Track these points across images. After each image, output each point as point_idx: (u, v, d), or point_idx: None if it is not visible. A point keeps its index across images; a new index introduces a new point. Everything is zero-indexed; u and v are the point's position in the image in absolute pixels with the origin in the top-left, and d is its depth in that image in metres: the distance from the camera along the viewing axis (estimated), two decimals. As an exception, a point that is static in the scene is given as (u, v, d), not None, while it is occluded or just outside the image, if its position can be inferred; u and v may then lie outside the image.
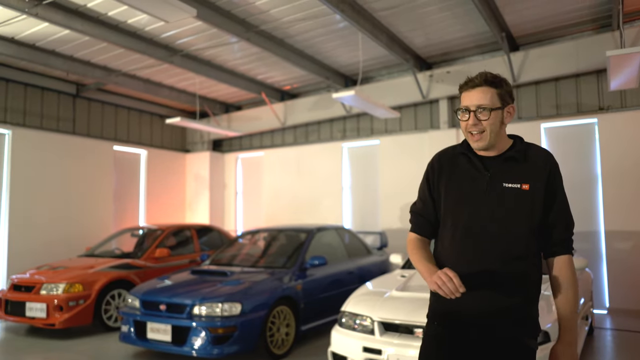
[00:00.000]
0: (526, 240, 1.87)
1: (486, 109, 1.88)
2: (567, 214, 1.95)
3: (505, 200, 1.89)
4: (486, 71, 1.97)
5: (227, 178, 11.84)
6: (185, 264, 7.59)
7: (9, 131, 8.41)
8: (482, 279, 1.84)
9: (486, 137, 1.90)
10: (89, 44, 7.67)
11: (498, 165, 1.95)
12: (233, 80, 9.30)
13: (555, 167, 1.96)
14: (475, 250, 1.88)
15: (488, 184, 1.92)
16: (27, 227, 8.41)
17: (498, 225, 1.87)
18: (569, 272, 1.89)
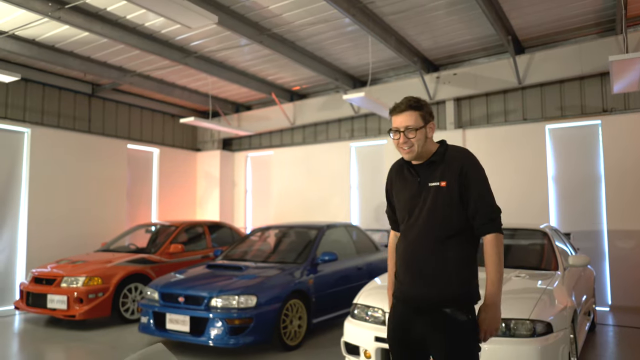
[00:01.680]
0: (444, 227, 2.30)
1: (412, 129, 2.33)
2: (485, 200, 2.31)
3: (430, 196, 2.34)
4: (409, 97, 2.42)
5: (236, 176, 12.09)
6: (198, 259, 7.83)
7: (28, 130, 8.68)
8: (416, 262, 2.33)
9: (414, 150, 2.36)
10: (106, 45, 7.91)
11: (424, 170, 2.40)
12: (244, 81, 9.53)
13: (467, 164, 2.34)
14: (414, 240, 2.35)
15: (419, 186, 2.39)
16: (45, 222, 8.67)
17: (427, 216, 2.32)
18: (489, 247, 2.27)
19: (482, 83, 8.59)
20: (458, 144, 9.06)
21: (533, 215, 8.07)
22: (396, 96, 9.22)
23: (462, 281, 2.28)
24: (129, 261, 7.08)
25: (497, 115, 8.86)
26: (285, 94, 10.72)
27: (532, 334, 3.50)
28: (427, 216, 2.32)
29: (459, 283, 2.27)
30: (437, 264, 2.28)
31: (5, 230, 8.36)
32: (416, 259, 2.33)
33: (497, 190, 8.08)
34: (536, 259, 5.07)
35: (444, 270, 2.27)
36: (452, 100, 9.10)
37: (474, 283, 2.31)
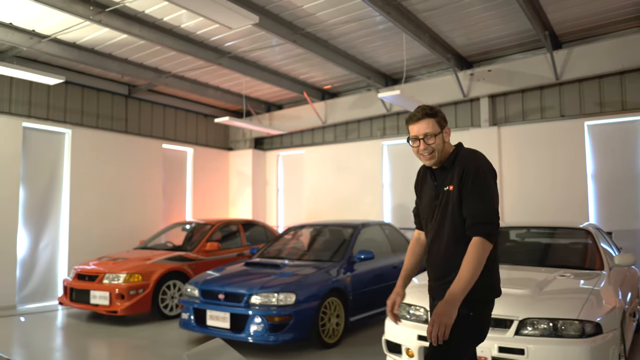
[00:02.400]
0: (451, 231, 2.41)
1: (431, 135, 2.43)
2: (475, 205, 2.35)
3: (443, 201, 2.46)
4: (423, 105, 2.52)
5: (268, 175, 12.20)
6: (234, 257, 7.94)
7: (69, 130, 8.94)
8: (434, 263, 2.52)
9: (435, 155, 2.46)
10: (143, 47, 8.08)
11: (440, 175, 2.52)
12: (276, 80, 9.60)
13: (467, 169, 2.39)
14: (434, 239, 2.51)
15: (436, 190, 2.52)
16: (85, 220, 8.93)
17: (440, 220, 2.47)
18: (470, 249, 2.29)
19: (518, 79, 8.45)
20: (493, 141, 9.00)
21: (572, 213, 7.91)
22: (430, 94, 9.18)
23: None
24: (168, 259, 7.23)
25: (533, 112, 8.70)
26: (317, 93, 10.75)
27: (581, 334, 3.44)
28: (441, 220, 2.46)
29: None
30: (448, 264, 2.42)
31: (49, 228, 8.64)
32: (433, 260, 2.52)
33: (533, 188, 8.00)
34: (580, 259, 4.97)
35: (453, 271, 2.33)
36: (487, 97, 8.98)
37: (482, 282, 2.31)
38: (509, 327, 3.64)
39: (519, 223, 5.95)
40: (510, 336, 3.59)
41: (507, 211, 8.58)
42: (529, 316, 3.60)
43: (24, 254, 8.27)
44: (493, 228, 2.32)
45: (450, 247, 2.41)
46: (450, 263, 2.39)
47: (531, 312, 3.62)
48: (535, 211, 8.25)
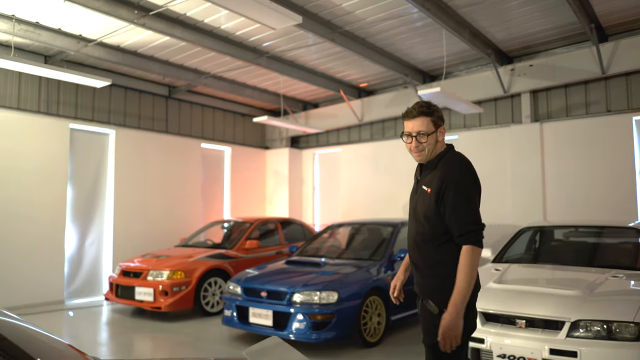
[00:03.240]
0: (426, 230, 2.45)
1: (424, 134, 2.45)
2: (458, 214, 2.35)
3: (419, 199, 2.51)
4: (421, 102, 2.54)
5: (304, 174, 12.26)
6: (272, 255, 8.02)
7: (113, 131, 9.20)
8: (412, 257, 2.58)
9: (425, 154, 2.48)
10: (184, 49, 8.23)
11: (424, 173, 2.55)
12: (313, 79, 9.63)
13: (448, 176, 2.39)
14: (409, 236, 2.60)
15: (416, 186, 2.58)
16: (128, 218, 9.18)
17: (415, 218, 2.53)
18: (461, 258, 2.32)
19: (561, 74, 8.21)
20: (534, 138, 8.78)
21: (619, 212, 7.64)
22: (469, 90, 9.03)
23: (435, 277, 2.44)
24: (209, 256, 7.36)
25: (577, 107, 8.44)
26: (353, 91, 10.73)
27: (637, 337, 3.33)
28: (414, 216, 2.55)
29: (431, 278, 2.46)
30: (418, 259, 2.51)
31: (94, 226, 8.94)
32: (410, 253, 2.61)
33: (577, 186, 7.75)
34: (631, 259, 4.80)
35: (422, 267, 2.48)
36: (528, 92, 8.77)
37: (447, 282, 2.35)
38: (560, 329, 3.56)
39: (566, 222, 5.80)
40: (562, 338, 3.50)
41: (550, 210, 8.36)
42: (581, 318, 3.51)
43: (71, 251, 8.57)
44: (480, 233, 2.36)
45: (425, 246, 2.46)
46: (428, 262, 2.46)
47: (584, 314, 3.53)
48: (580, 210, 8.02)
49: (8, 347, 1.23)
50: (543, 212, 8.38)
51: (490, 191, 9.10)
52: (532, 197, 8.53)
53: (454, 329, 2.22)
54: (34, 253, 7.85)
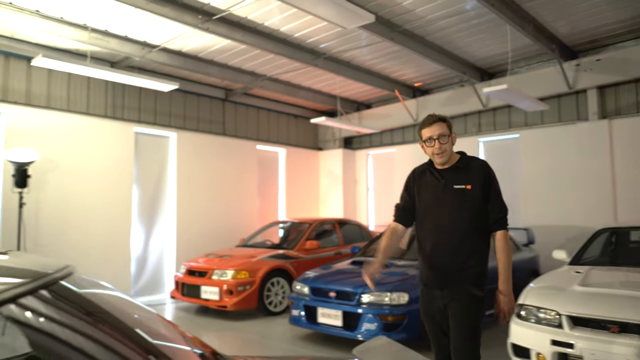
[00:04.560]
0: (469, 222, 2.77)
1: (445, 136, 2.82)
2: (499, 202, 2.82)
3: (454, 196, 2.80)
4: (432, 113, 2.94)
5: (358, 174, 12.23)
6: (332, 256, 8.02)
7: (174, 134, 9.46)
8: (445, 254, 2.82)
9: (446, 155, 2.84)
10: (242, 52, 8.37)
11: (449, 174, 2.86)
12: (368, 79, 9.59)
13: (489, 171, 2.85)
14: (439, 233, 2.83)
15: (443, 187, 2.85)
16: (190, 219, 9.42)
17: (450, 214, 2.79)
18: (501, 242, 2.80)
19: (632, 68, 7.84)
20: (603, 135, 8.43)
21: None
22: (530, 87, 8.74)
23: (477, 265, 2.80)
24: (271, 256, 7.44)
25: (649, 103, 8.04)
26: (407, 91, 10.62)
27: None
28: (451, 213, 2.79)
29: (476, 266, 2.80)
30: (465, 253, 2.77)
31: (158, 225, 9.21)
32: (442, 248, 2.82)
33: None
34: None
35: (461, 258, 2.77)
36: (595, 88, 8.42)
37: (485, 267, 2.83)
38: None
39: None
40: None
41: (621, 210, 7.99)
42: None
43: (137, 250, 8.86)
44: (507, 221, 2.83)
45: (467, 237, 2.77)
46: (469, 251, 2.77)
47: (684, 319, 3.34)
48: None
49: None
50: (614, 213, 8.01)
51: (553, 191, 8.79)
52: (600, 197, 8.18)
53: (512, 302, 2.80)
54: (103, 253, 8.16)
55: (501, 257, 2.77)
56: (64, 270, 1.33)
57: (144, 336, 1.31)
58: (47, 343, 1.10)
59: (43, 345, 1.09)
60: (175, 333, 1.53)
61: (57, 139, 7.89)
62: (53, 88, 8.09)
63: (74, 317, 1.22)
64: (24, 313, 1.07)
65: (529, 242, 7.57)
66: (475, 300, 2.79)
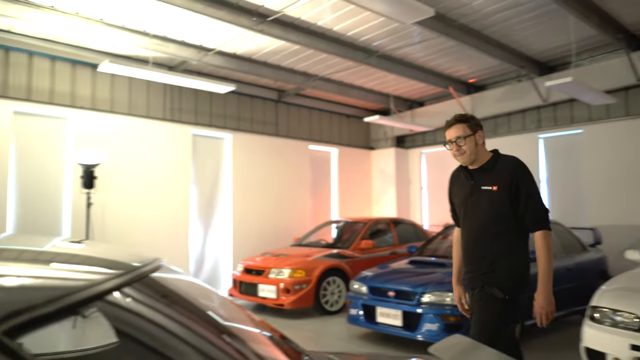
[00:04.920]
0: (497, 225, 2.73)
1: (462, 137, 2.80)
2: (534, 202, 2.70)
3: (482, 198, 2.78)
4: (458, 113, 2.91)
5: (411, 173, 12.06)
6: (387, 256, 7.94)
7: (229, 135, 9.66)
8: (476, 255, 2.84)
9: (466, 156, 2.81)
10: (295, 53, 8.43)
11: (478, 175, 2.84)
12: (422, 76, 9.44)
13: (518, 171, 2.74)
14: (470, 235, 2.87)
15: (471, 188, 2.85)
16: (245, 218, 9.59)
17: (478, 216, 2.79)
18: (539, 243, 2.69)
19: None
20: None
21: None
22: (594, 79, 8.31)
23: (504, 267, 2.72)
24: (326, 255, 7.45)
25: None
26: (461, 87, 10.38)
27: None
28: (479, 215, 2.78)
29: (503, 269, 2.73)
30: (493, 255, 2.74)
31: (215, 225, 9.43)
32: (474, 253, 2.83)
33: None
34: None
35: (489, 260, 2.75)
36: (666, 79, 7.93)
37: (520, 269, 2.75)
38: None
39: None
40: None
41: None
42: None
43: (195, 249, 9.09)
44: (549, 220, 2.74)
45: (487, 237, 2.74)
46: (498, 253, 2.73)
47: None
48: None
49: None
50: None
51: (621, 188, 8.35)
52: (674, 194, 7.70)
53: (550, 305, 2.66)
54: (163, 251, 8.41)
55: (539, 258, 2.68)
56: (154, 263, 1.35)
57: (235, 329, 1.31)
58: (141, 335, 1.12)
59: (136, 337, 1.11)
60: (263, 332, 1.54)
61: (120, 142, 8.22)
62: (116, 93, 8.43)
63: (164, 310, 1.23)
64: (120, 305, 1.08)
65: (595, 243, 7.21)
66: (496, 302, 2.71)
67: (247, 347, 1.22)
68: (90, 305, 0.93)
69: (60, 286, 0.99)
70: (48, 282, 1.04)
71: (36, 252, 1.31)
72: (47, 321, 0.82)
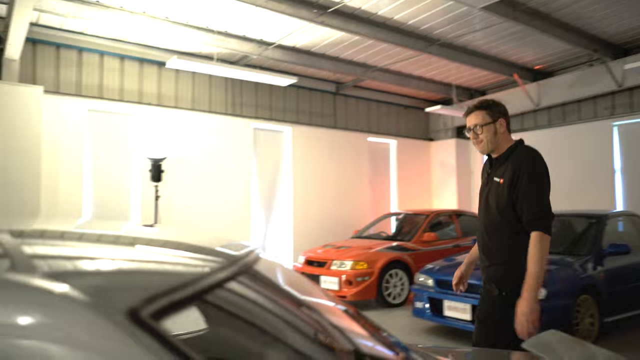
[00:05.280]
0: (499, 219, 2.58)
1: (480, 125, 2.66)
2: (528, 201, 2.48)
3: (492, 190, 2.67)
4: (480, 98, 2.85)
5: (473, 164, 11.74)
6: (450, 248, 7.77)
7: (289, 128, 9.75)
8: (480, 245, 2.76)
9: (484, 145, 2.68)
10: (354, 44, 8.36)
11: (495, 165, 2.70)
12: (485, 64, 9.13)
13: (522, 165, 2.53)
14: (479, 225, 2.76)
15: (487, 179, 2.75)
16: (305, 210, 9.68)
17: (487, 209, 2.68)
18: (530, 245, 2.43)
19: None
20: None
21: None
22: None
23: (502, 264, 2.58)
24: (388, 248, 7.38)
25: None
26: (527, 74, 9.96)
27: None
28: (487, 207, 2.67)
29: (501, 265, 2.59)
30: (489, 247, 2.65)
31: (276, 217, 9.57)
32: (479, 242, 2.77)
33: None
34: None
35: (492, 254, 2.64)
36: None
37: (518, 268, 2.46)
38: None
39: None
40: None
41: None
42: None
43: (257, 241, 9.26)
44: (550, 221, 2.47)
45: (498, 234, 2.60)
46: (498, 249, 2.60)
47: None
48: None
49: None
50: None
51: None
52: None
53: (530, 314, 2.34)
54: (227, 242, 8.63)
55: (528, 260, 2.42)
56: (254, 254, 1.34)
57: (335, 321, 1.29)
58: (245, 327, 1.11)
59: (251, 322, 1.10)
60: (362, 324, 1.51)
61: (184, 136, 8.47)
62: (180, 89, 8.69)
63: (266, 301, 1.21)
64: (227, 299, 1.04)
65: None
66: (492, 298, 2.58)
67: (357, 343, 1.20)
68: (213, 292, 0.94)
69: (189, 273, 1.00)
70: (174, 269, 1.05)
71: (147, 239, 1.34)
72: (182, 305, 0.83)
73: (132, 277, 0.92)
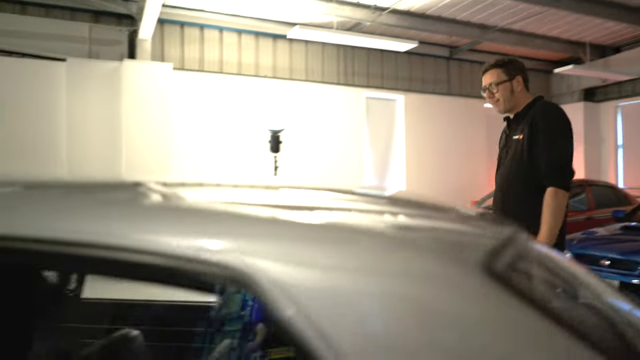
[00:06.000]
0: (519, 179, 2.45)
1: (495, 84, 2.56)
2: (547, 153, 2.34)
3: (512, 149, 2.51)
4: (497, 58, 2.68)
5: (603, 130, 10.70)
6: (582, 221, 7.19)
7: (401, 96, 9.55)
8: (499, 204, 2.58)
9: (500, 104, 2.58)
10: (472, 4, 7.89)
11: (513, 123, 2.60)
12: (623, 15, 8.13)
13: (540, 116, 2.40)
14: (496, 187, 2.65)
15: (505, 138, 2.65)
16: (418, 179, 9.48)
17: (508, 168, 2.52)
18: (547, 201, 2.30)
19: None
20: None
21: None
22: None
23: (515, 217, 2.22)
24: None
25: None
26: (674, 26, 8.75)
27: None
28: (509, 168, 2.50)
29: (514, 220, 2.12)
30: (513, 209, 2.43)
31: (390, 187, 9.50)
32: (495, 205, 2.63)
33: None
34: None
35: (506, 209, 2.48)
36: None
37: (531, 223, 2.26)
38: None
39: None
40: None
41: None
42: None
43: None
44: (567, 177, 2.35)
45: (514, 196, 2.48)
46: (515, 208, 2.43)
47: None
48: None
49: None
50: None
51: None
52: None
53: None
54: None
55: (542, 216, 2.28)
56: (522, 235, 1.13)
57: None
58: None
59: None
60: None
61: (298, 107, 8.61)
62: (294, 61, 8.81)
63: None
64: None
65: None
66: None
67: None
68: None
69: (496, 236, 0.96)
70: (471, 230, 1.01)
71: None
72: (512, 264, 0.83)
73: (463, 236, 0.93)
